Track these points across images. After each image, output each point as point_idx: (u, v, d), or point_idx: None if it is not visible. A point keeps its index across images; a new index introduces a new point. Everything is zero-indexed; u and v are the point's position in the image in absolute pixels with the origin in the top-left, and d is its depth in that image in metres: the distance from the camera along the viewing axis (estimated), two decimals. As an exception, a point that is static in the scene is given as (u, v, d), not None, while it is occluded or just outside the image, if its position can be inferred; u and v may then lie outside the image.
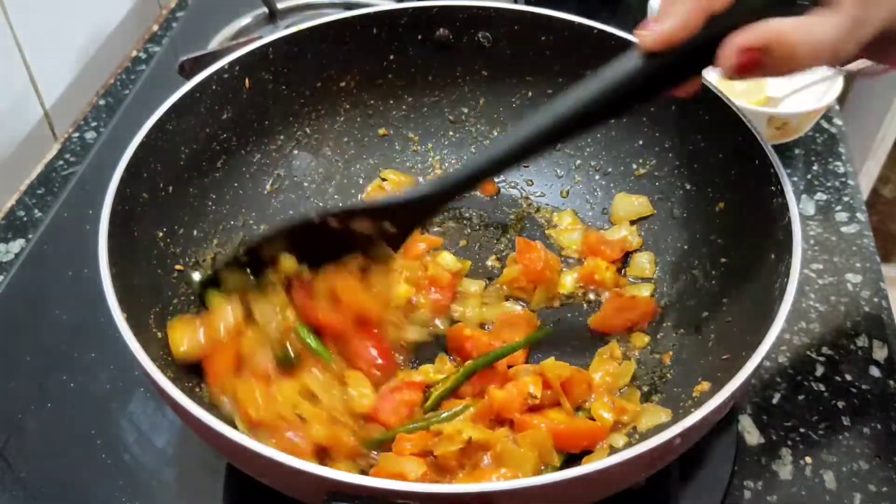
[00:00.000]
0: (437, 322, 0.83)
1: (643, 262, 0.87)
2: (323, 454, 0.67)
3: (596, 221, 0.93)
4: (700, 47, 0.60)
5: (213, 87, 0.83)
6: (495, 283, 0.87)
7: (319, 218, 0.73)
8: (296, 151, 0.93)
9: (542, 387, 0.73)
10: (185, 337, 0.72)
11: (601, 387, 0.77)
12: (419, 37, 0.92)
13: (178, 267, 0.79)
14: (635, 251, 0.89)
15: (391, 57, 0.93)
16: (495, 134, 0.97)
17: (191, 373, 0.73)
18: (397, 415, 0.72)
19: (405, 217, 0.73)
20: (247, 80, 0.86)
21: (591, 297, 0.86)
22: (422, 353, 0.80)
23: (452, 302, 0.85)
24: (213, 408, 0.70)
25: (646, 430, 0.72)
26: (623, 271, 0.88)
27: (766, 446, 0.78)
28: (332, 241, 0.74)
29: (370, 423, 0.72)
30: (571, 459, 0.71)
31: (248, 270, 0.75)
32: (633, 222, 0.90)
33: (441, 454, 0.66)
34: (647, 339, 0.81)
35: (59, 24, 1.12)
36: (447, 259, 0.88)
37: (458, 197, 0.73)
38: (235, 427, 0.67)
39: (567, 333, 0.84)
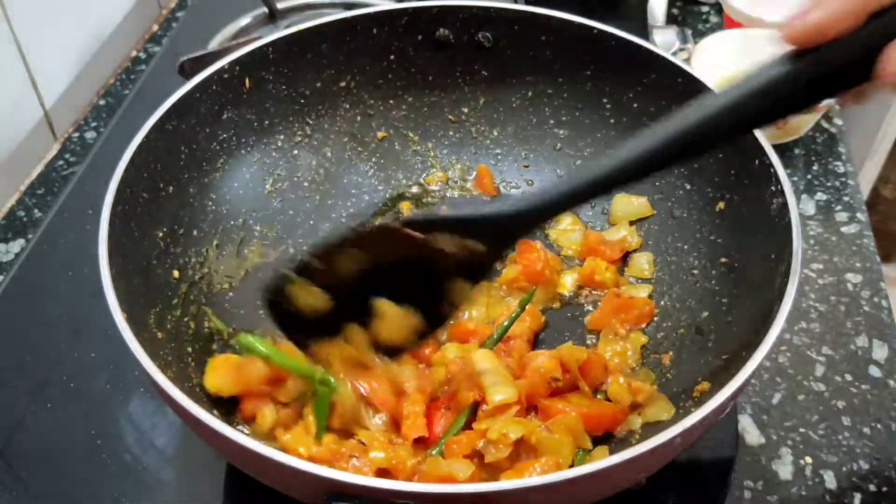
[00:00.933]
0: None
1: (642, 263, 0.87)
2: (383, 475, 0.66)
3: (596, 221, 0.93)
4: (857, 53, 0.49)
5: (213, 87, 0.83)
6: (495, 282, 0.87)
7: (402, 223, 0.61)
8: (296, 151, 0.93)
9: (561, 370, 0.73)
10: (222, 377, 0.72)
11: (615, 368, 0.77)
12: (419, 37, 0.92)
13: (175, 273, 0.79)
14: (635, 251, 0.89)
15: (391, 57, 0.93)
16: (495, 134, 0.97)
17: (191, 373, 0.73)
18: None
19: (501, 234, 0.60)
20: (247, 80, 0.86)
21: (592, 297, 0.86)
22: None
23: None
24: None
25: (646, 424, 0.72)
26: (623, 271, 0.88)
27: (766, 446, 0.78)
28: (403, 267, 0.62)
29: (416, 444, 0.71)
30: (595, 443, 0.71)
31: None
32: (632, 222, 0.90)
33: (491, 461, 0.66)
34: (646, 339, 0.81)
35: (59, 24, 1.11)
36: None
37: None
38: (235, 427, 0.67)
39: (566, 333, 0.83)
